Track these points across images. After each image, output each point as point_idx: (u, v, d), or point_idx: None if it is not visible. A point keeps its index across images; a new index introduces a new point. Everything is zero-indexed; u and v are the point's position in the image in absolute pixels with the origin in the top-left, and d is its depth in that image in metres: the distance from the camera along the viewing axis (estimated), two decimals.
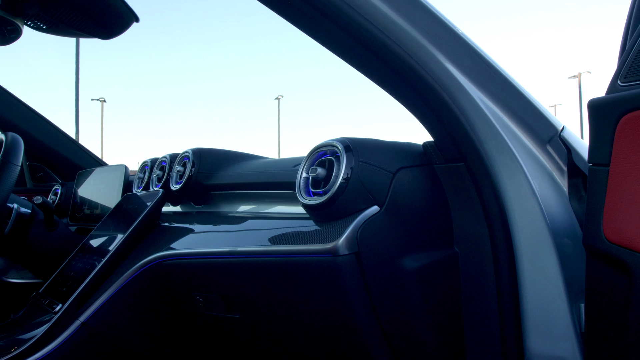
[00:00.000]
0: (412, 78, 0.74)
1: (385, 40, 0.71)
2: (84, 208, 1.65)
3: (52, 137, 1.88)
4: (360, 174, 0.76)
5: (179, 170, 1.18)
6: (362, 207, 0.75)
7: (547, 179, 0.80)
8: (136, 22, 1.18)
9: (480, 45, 0.80)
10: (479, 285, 0.81)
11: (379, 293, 0.75)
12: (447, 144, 0.80)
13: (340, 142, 0.79)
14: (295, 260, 0.78)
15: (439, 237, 0.82)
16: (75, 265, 1.17)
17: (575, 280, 0.76)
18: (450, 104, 0.75)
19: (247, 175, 1.05)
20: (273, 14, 0.72)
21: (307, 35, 0.75)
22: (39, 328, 1.01)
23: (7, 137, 1.27)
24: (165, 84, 53.47)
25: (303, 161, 0.83)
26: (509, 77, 0.80)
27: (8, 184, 1.22)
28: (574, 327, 0.75)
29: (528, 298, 0.76)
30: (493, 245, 0.79)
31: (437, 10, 0.75)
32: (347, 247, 0.72)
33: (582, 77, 23.62)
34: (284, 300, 0.84)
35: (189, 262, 0.98)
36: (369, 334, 0.76)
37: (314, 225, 0.80)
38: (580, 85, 23.57)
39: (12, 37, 1.16)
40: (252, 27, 56.70)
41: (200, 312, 1.00)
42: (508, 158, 0.76)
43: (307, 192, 0.81)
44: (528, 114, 0.80)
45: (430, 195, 0.82)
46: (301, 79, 51.51)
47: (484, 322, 0.81)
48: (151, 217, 1.14)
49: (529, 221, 0.76)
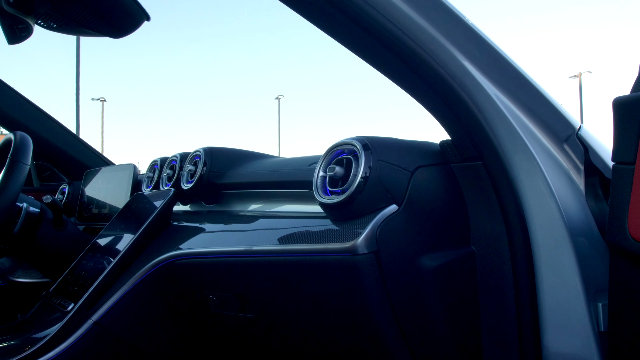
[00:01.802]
0: (431, 77, 0.74)
1: (404, 39, 0.71)
2: (92, 207, 1.65)
3: (59, 136, 1.87)
4: (379, 172, 0.76)
5: (190, 169, 1.18)
6: (380, 206, 0.75)
7: (564, 178, 0.80)
8: (147, 20, 1.17)
9: (496, 42, 0.79)
10: (496, 284, 0.81)
11: (398, 292, 0.75)
12: (465, 142, 0.79)
13: (358, 140, 0.78)
14: (313, 259, 0.77)
15: (456, 236, 0.82)
16: (86, 265, 1.17)
17: (592, 279, 0.76)
18: (469, 103, 0.74)
19: (261, 174, 1.04)
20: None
21: (325, 33, 0.75)
22: (52, 327, 1.01)
23: (16, 136, 1.27)
24: (165, 83, 53.47)
25: (320, 160, 0.83)
26: (527, 75, 0.80)
27: (18, 183, 1.22)
28: (592, 326, 0.75)
29: (545, 297, 0.76)
30: (511, 244, 0.78)
31: (454, 7, 0.75)
32: (366, 246, 0.72)
33: (582, 76, 23.63)
34: (301, 299, 0.84)
35: (202, 261, 0.97)
36: (387, 332, 0.75)
37: (331, 224, 0.80)
38: (580, 85, 23.58)
39: (23, 35, 1.15)
40: (252, 26, 56.70)
41: (213, 311, 1.00)
42: (525, 157, 0.76)
43: (324, 191, 0.80)
44: (545, 112, 0.80)
45: (448, 194, 0.82)
46: (301, 78, 51.54)
47: (501, 321, 0.80)
48: (163, 216, 1.14)
49: (546, 220, 0.76)
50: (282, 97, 29.18)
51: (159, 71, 55.70)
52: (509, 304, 0.79)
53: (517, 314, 0.78)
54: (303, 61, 52.22)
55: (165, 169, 1.32)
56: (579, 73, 23.82)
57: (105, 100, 25.92)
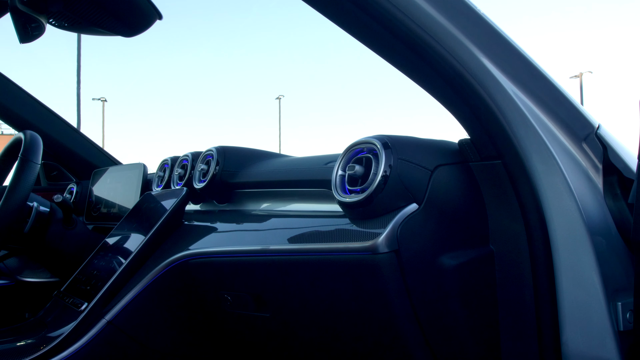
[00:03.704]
0: (450, 75, 0.73)
1: (424, 37, 0.70)
2: (100, 207, 1.65)
3: (67, 135, 1.87)
4: (400, 171, 0.75)
5: (203, 168, 1.18)
6: (400, 205, 0.75)
7: (583, 177, 0.80)
8: (159, 19, 1.17)
9: (514, 38, 0.79)
10: (515, 283, 0.80)
11: (418, 291, 0.75)
12: (484, 141, 0.79)
13: (378, 139, 0.78)
14: (333, 258, 0.77)
15: (475, 235, 0.82)
16: (97, 264, 1.17)
17: (611, 278, 0.76)
18: (488, 101, 0.74)
19: (276, 173, 1.04)
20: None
21: (344, 30, 0.75)
22: (65, 326, 1.00)
23: (26, 136, 1.27)
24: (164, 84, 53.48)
25: (339, 159, 0.83)
26: (546, 73, 0.79)
27: (29, 182, 1.21)
28: (612, 325, 0.74)
29: (565, 296, 0.76)
30: (530, 243, 0.78)
31: (473, 3, 0.75)
32: (387, 245, 0.72)
33: (583, 76, 23.63)
34: (319, 298, 0.84)
35: (217, 260, 0.97)
36: (407, 331, 0.75)
37: (349, 223, 0.80)
38: (581, 85, 23.57)
39: (35, 34, 1.15)
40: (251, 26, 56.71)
41: (227, 310, 1.00)
42: (544, 155, 0.75)
43: (343, 190, 0.80)
44: (565, 111, 0.80)
45: (467, 193, 0.82)
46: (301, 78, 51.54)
47: (520, 320, 0.80)
48: (175, 215, 1.14)
49: (566, 219, 0.75)
50: (282, 97, 29.18)
51: (158, 71, 55.74)
52: (528, 303, 0.79)
53: (536, 312, 0.78)
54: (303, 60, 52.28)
55: (176, 168, 1.31)
56: (579, 73, 23.81)
57: (106, 100, 25.93)
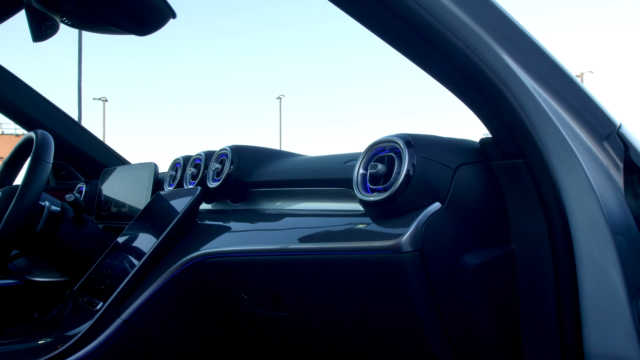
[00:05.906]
0: (473, 73, 0.73)
1: (446, 34, 0.70)
2: (110, 206, 1.64)
3: (76, 134, 1.86)
4: (423, 170, 0.75)
5: (217, 167, 1.18)
6: (424, 204, 0.75)
7: (604, 176, 0.79)
8: (173, 18, 1.17)
9: (535, 35, 0.79)
10: (536, 283, 0.80)
11: (441, 290, 0.74)
12: (506, 139, 0.79)
13: (401, 138, 0.78)
14: (355, 257, 0.77)
15: (497, 234, 0.81)
16: (111, 263, 1.16)
17: (632, 278, 0.75)
18: (511, 100, 0.74)
19: (294, 172, 1.04)
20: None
21: (365, 27, 0.75)
22: (81, 326, 1.00)
23: (37, 135, 1.26)
24: (164, 83, 53.43)
25: (360, 157, 0.82)
26: (567, 71, 0.79)
27: (41, 181, 1.21)
28: (635, 325, 0.74)
29: (587, 295, 0.76)
30: (552, 242, 0.78)
31: (495, 1, 0.75)
32: (411, 244, 0.71)
33: (584, 76, 23.62)
34: (339, 298, 0.83)
35: (233, 260, 0.97)
36: (430, 329, 0.75)
37: (370, 222, 0.79)
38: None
39: (49, 32, 1.14)
40: (252, 26, 56.66)
41: (244, 310, 0.99)
42: (566, 154, 0.75)
43: (365, 189, 0.80)
44: (586, 109, 0.79)
45: (489, 191, 0.81)
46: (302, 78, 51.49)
47: (541, 320, 0.80)
48: (190, 215, 1.13)
49: (587, 218, 0.75)
50: (283, 97, 29.16)
51: (158, 71, 55.68)
52: (549, 302, 0.79)
53: (558, 312, 0.78)
54: (306, 60, 52.20)
55: (189, 167, 1.31)
56: (580, 73, 23.82)
57: (106, 100, 25.92)
